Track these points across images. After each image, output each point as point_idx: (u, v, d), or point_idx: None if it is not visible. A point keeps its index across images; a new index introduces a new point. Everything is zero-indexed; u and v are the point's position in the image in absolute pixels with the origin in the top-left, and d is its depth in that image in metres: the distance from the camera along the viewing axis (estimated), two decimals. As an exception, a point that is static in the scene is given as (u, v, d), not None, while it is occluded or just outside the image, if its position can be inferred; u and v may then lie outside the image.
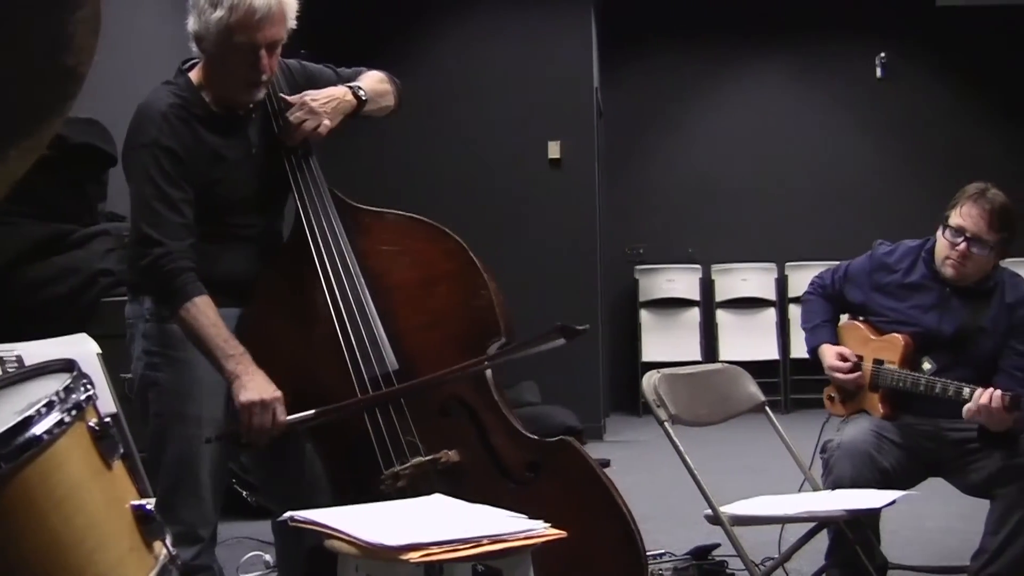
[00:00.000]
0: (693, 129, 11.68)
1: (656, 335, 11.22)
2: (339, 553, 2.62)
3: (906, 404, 4.27)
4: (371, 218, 3.50)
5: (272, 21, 3.26)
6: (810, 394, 8.78)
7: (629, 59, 11.50)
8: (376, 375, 3.31)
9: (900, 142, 11.68)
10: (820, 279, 4.65)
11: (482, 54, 9.64)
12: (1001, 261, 4.38)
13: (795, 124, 11.66)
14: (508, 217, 9.26)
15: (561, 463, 3.32)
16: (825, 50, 11.65)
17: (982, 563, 4.09)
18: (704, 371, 4.50)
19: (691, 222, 11.55)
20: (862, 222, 10.75)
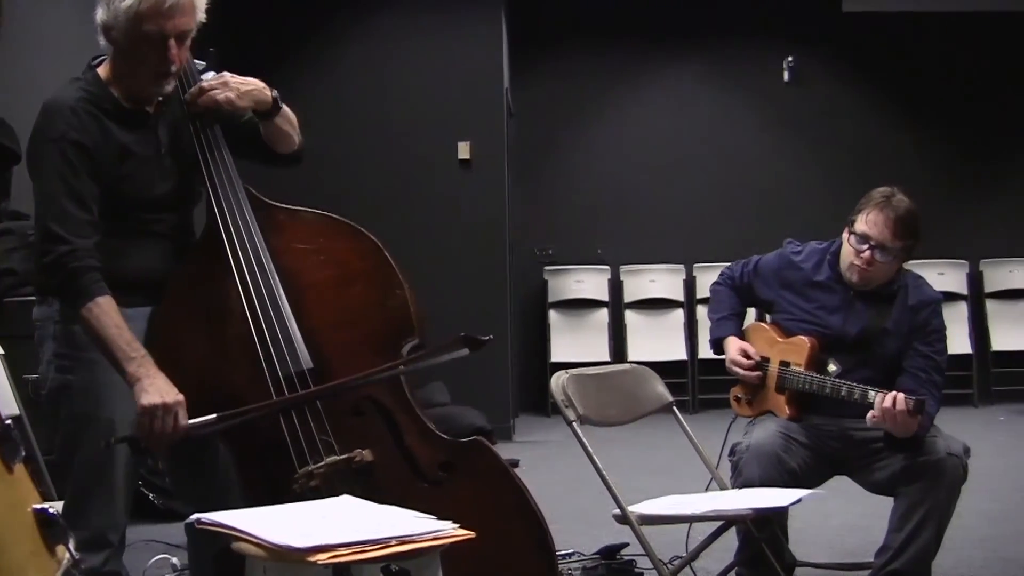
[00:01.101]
0: (603, 130, 11.72)
1: (565, 336, 11.25)
2: (247, 556, 2.60)
3: (812, 405, 4.32)
4: (286, 216, 3.48)
5: (182, 11, 3.23)
6: (717, 394, 8.84)
7: (539, 60, 11.52)
8: (290, 373, 3.29)
9: (807, 145, 11.82)
10: (730, 271, 4.69)
11: (392, 54, 9.60)
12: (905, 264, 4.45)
13: (704, 126, 11.75)
14: (418, 217, 9.24)
15: (474, 463, 3.33)
16: (734, 53, 11.75)
17: (886, 559, 4.16)
18: (612, 371, 4.52)
19: (600, 223, 11.59)
20: (770, 224, 10.84)
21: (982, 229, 11.75)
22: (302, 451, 3.24)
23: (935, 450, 4.09)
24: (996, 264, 11.77)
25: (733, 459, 4.22)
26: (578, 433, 3.92)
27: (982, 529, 5.67)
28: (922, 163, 11.64)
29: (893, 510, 4.20)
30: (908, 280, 4.41)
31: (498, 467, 3.34)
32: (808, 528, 5.27)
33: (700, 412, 10.65)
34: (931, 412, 4.14)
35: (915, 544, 4.10)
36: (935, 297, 4.42)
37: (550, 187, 11.59)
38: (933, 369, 4.26)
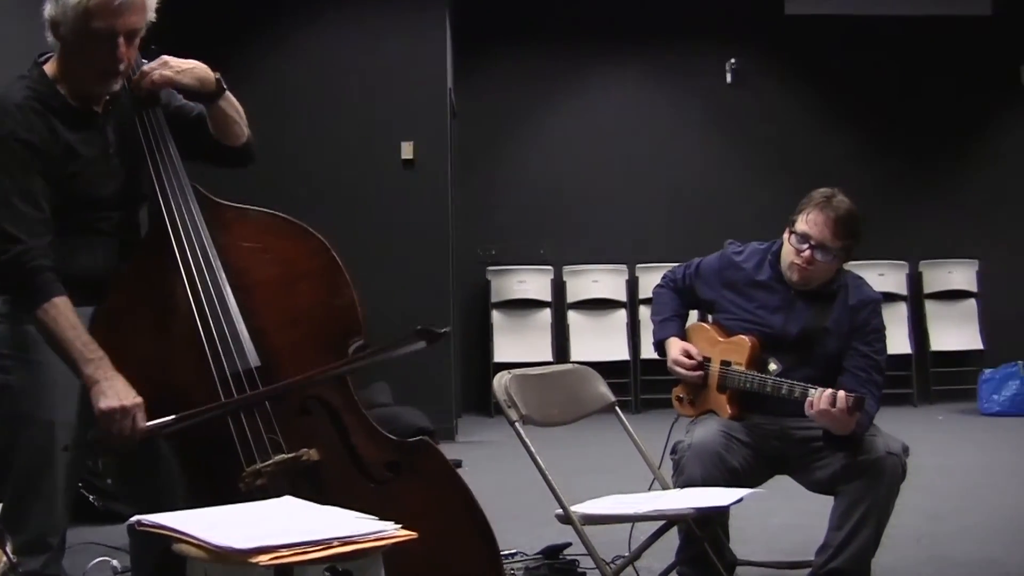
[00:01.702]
0: (546, 131, 11.74)
1: (508, 336, 11.25)
2: (187, 557, 2.58)
3: (753, 404, 4.35)
4: (233, 214, 3.46)
5: (132, 9, 3.20)
6: (660, 394, 8.87)
7: (483, 60, 11.52)
8: (238, 371, 3.26)
9: (749, 146, 11.89)
10: (672, 273, 4.72)
11: (335, 54, 9.57)
12: (845, 264, 4.48)
13: (647, 127, 11.79)
14: (361, 217, 9.21)
15: (419, 463, 3.33)
16: (677, 54, 11.81)
17: (826, 557, 4.19)
18: (555, 372, 4.52)
19: (543, 224, 11.61)
20: (712, 225, 10.90)
21: (922, 230, 11.87)
22: (250, 450, 3.22)
23: (874, 449, 4.13)
24: (935, 265, 11.89)
25: (675, 458, 4.24)
26: (520, 433, 3.92)
27: (921, 527, 5.72)
28: (863, 165, 11.74)
29: (833, 509, 4.23)
30: (848, 280, 4.45)
31: (443, 467, 3.35)
32: (749, 527, 5.30)
33: (643, 412, 10.68)
34: (871, 411, 4.18)
35: (855, 542, 4.14)
36: (875, 297, 4.46)
37: (493, 187, 11.60)
38: (873, 368, 4.30)
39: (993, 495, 6.83)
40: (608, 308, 11.49)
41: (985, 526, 5.92)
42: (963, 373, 11.68)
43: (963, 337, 11.83)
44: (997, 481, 7.35)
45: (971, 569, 5.09)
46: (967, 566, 5.13)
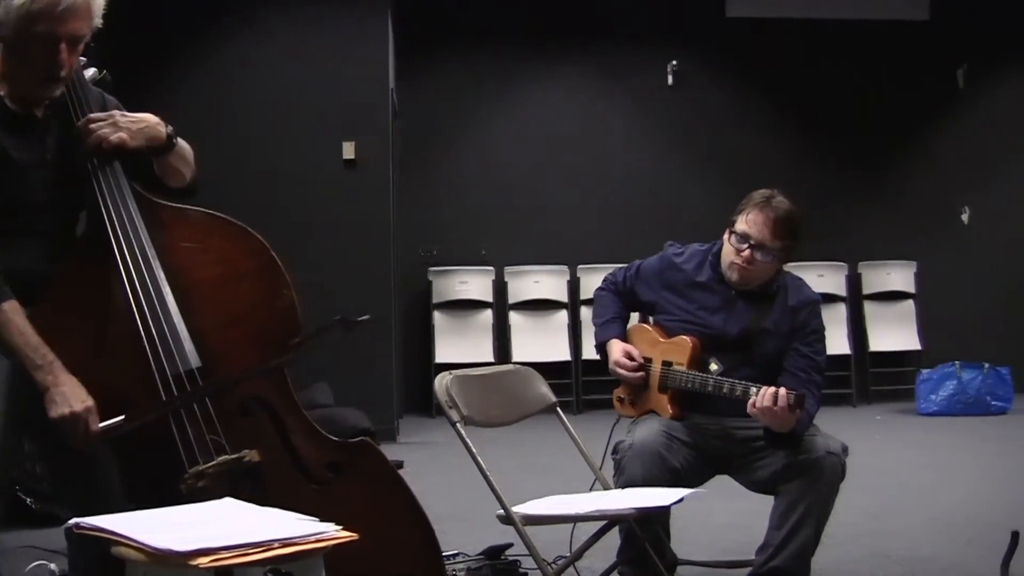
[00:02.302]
0: (488, 131, 11.74)
1: (449, 336, 11.24)
2: (127, 560, 2.55)
3: (694, 404, 4.36)
4: (172, 214, 3.42)
5: (76, 15, 3.15)
6: (601, 395, 8.90)
7: (426, 60, 11.49)
8: (179, 372, 3.23)
9: (690, 148, 11.94)
10: (612, 276, 4.73)
11: (277, 53, 9.51)
12: (785, 265, 4.50)
13: (588, 128, 11.81)
14: (302, 217, 9.16)
15: (361, 464, 3.32)
16: (618, 56, 11.84)
17: (766, 556, 4.21)
18: (496, 372, 4.52)
19: (484, 224, 11.61)
20: (653, 226, 10.93)
21: (860, 232, 11.97)
22: (192, 451, 3.19)
23: (814, 449, 4.16)
24: (874, 266, 11.99)
25: (616, 458, 4.24)
26: (462, 434, 3.92)
27: (860, 525, 5.77)
28: (803, 167, 11.82)
29: (773, 508, 4.25)
30: (788, 281, 4.48)
31: (385, 468, 3.34)
32: (690, 526, 5.32)
33: (584, 412, 10.71)
34: (811, 411, 4.21)
35: (795, 541, 4.16)
36: (814, 298, 4.49)
37: (435, 188, 11.58)
38: (812, 369, 4.33)
39: (931, 494, 6.90)
40: (549, 309, 11.50)
41: (923, 524, 5.98)
42: (901, 373, 11.79)
43: (901, 338, 11.94)
44: (935, 480, 7.42)
45: (909, 566, 5.13)
46: (905, 563, 5.17)
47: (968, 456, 8.55)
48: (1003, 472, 7.70)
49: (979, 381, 10.67)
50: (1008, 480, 7.37)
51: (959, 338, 11.74)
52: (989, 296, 12.15)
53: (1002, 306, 12.14)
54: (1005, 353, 11.12)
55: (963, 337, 11.79)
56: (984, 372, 10.69)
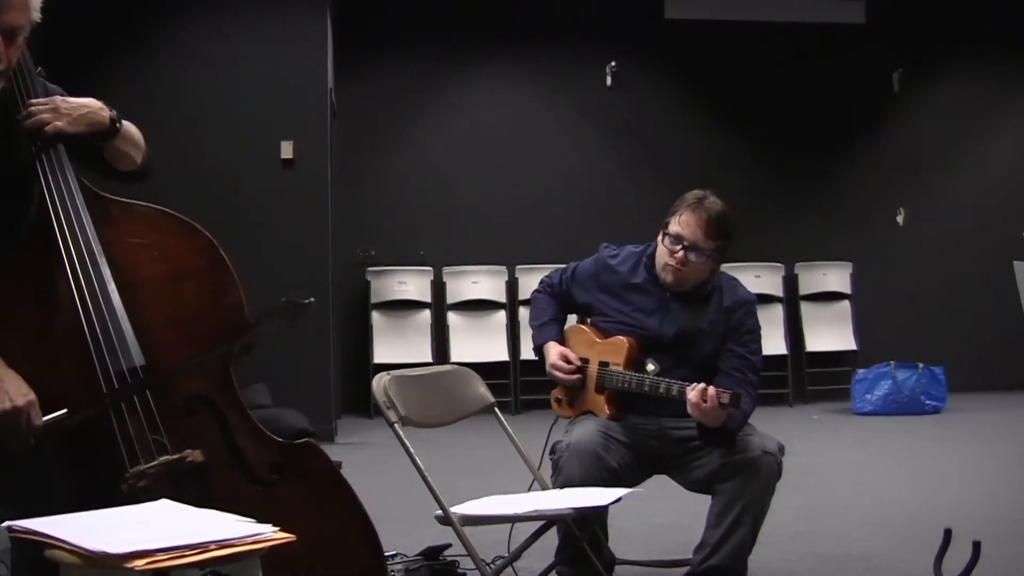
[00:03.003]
0: (427, 132, 11.73)
1: (387, 337, 11.22)
2: (61, 564, 2.53)
3: (631, 405, 4.38)
4: (119, 209, 3.37)
5: (11, 5, 3.10)
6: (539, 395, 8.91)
7: (365, 60, 11.47)
8: (122, 370, 3.19)
9: (628, 149, 11.99)
10: (549, 278, 4.73)
11: (215, 51, 9.45)
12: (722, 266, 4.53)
13: (527, 129, 11.84)
14: (240, 217, 9.09)
15: (305, 465, 3.30)
16: (557, 57, 11.87)
17: (704, 555, 4.23)
18: (434, 373, 4.51)
19: (423, 224, 11.60)
20: (591, 226, 10.96)
21: (797, 233, 12.07)
22: (133, 451, 3.16)
23: (750, 448, 4.18)
24: (810, 267, 12.09)
25: (554, 458, 4.25)
26: (400, 434, 3.91)
27: (797, 524, 5.81)
28: (741, 168, 11.91)
29: (711, 507, 4.27)
30: (723, 281, 4.50)
31: (328, 470, 3.32)
32: (628, 526, 5.33)
33: (522, 413, 10.72)
34: (746, 410, 4.24)
35: (732, 540, 4.19)
36: (749, 298, 4.52)
37: (373, 188, 11.55)
38: (748, 369, 4.36)
39: (866, 493, 6.96)
40: (488, 309, 11.51)
41: (859, 523, 6.02)
42: (837, 373, 11.89)
43: (837, 338, 12.05)
44: (870, 479, 7.49)
45: (845, 564, 5.17)
46: (841, 561, 5.21)
47: (903, 455, 8.63)
48: (937, 471, 7.78)
49: (913, 381, 10.78)
50: (942, 479, 7.45)
51: (894, 338, 11.88)
52: (923, 297, 12.29)
53: (936, 306, 12.28)
54: (939, 353, 11.24)
55: (898, 337, 11.93)
56: (919, 372, 10.81)
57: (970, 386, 11.52)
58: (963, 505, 6.46)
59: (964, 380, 11.39)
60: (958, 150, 12.68)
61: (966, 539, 4.27)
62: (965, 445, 8.97)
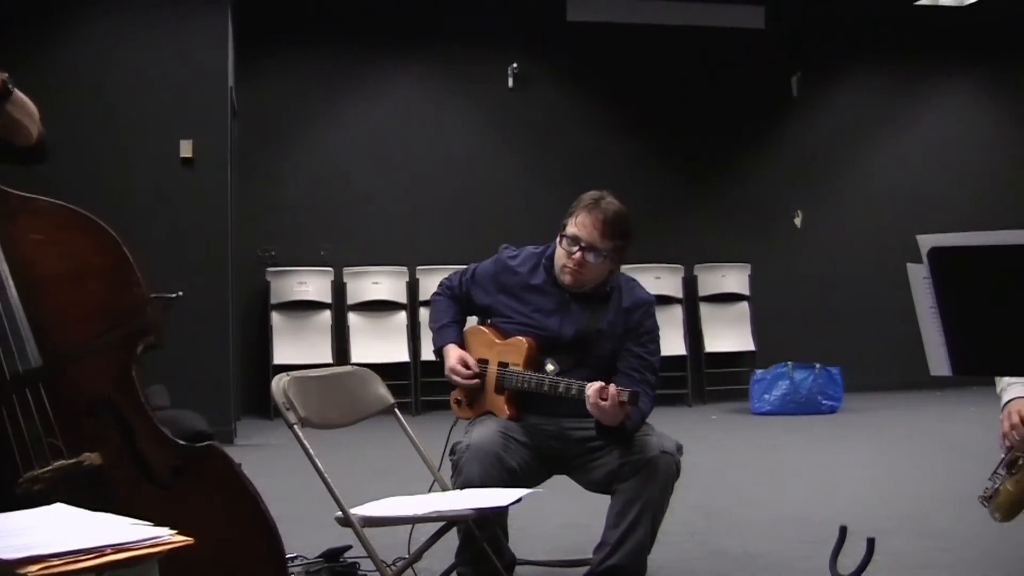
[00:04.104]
0: (328, 132, 11.68)
1: (287, 337, 11.16)
2: (-51, 570, 2.49)
3: (531, 405, 4.39)
4: (19, 203, 3.27)
5: None
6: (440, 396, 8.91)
7: (266, 59, 11.39)
8: (17, 370, 3.13)
9: (529, 150, 12.03)
10: (448, 280, 4.73)
11: (113, 48, 9.33)
12: (622, 267, 4.55)
13: (429, 130, 11.83)
14: (138, 215, 8.97)
15: (207, 468, 3.26)
16: (459, 57, 11.88)
17: (603, 555, 4.25)
18: (334, 374, 4.49)
19: (323, 225, 11.55)
20: (492, 227, 10.97)
21: (696, 235, 12.18)
22: (27, 454, 3.10)
23: (649, 448, 4.21)
24: (709, 269, 12.21)
25: (454, 458, 4.25)
26: (299, 436, 3.89)
27: (695, 523, 5.86)
28: (642, 170, 12.00)
29: (610, 507, 4.29)
30: (622, 282, 4.52)
31: (230, 473, 3.28)
32: (529, 527, 5.35)
33: (423, 414, 10.71)
34: (644, 410, 4.26)
35: (631, 539, 4.21)
36: (648, 299, 4.54)
37: (274, 187, 11.48)
38: (646, 369, 4.39)
39: (763, 492, 7.03)
40: (388, 310, 11.49)
41: (756, 521, 6.09)
42: (735, 374, 12.03)
43: (735, 339, 12.18)
44: (767, 478, 7.57)
45: (743, 562, 5.22)
46: (739, 560, 5.26)
47: (800, 454, 8.74)
48: (833, 469, 7.88)
49: (811, 381, 10.92)
50: (838, 477, 7.55)
51: (792, 339, 12.03)
52: (820, 298, 12.46)
53: (833, 307, 12.46)
54: (836, 353, 11.41)
55: (795, 338, 12.09)
56: (815, 372, 10.95)
57: (866, 386, 11.71)
58: (858, 503, 6.55)
59: (860, 380, 11.57)
60: (854, 153, 12.88)
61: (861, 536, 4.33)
62: (861, 444, 9.10)
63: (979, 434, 5.66)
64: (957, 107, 13.24)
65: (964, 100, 13.28)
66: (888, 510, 6.28)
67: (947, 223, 8.05)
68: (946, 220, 10.81)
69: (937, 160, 13.02)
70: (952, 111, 13.21)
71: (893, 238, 11.85)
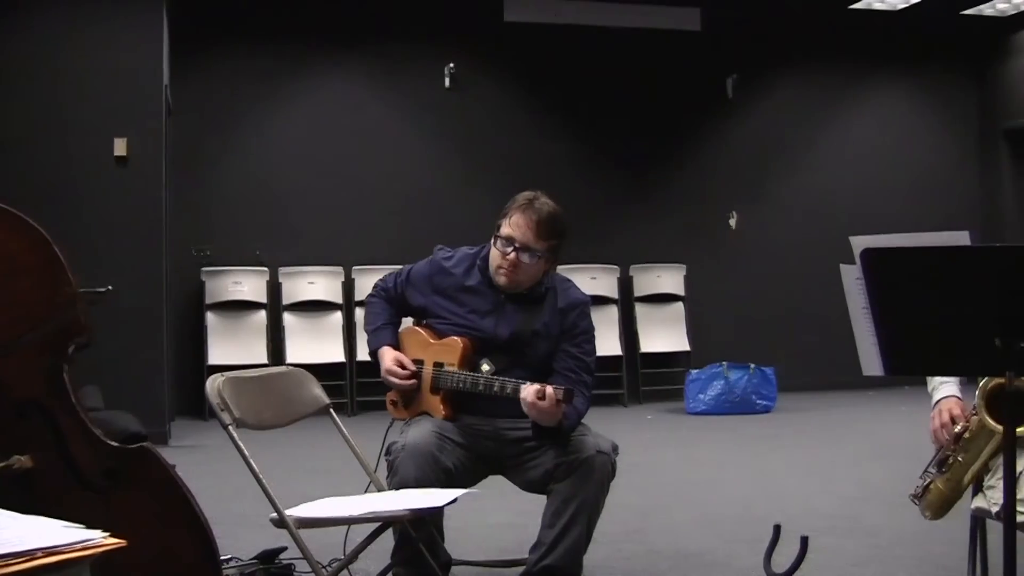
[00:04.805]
0: (264, 130, 11.61)
1: (222, 338, 11.09)
2: None
3: (466, 405, 4.39)
4: None
5: None
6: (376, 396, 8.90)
7: (202, 57, 11.32)
8: None
9: (466, 150, 12.02)
10: (383, 282, 4.71)
11: (46, 45, 9.20)
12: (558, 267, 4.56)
13: (365, 129, 11.79)
14: (71, 214, 8.87)
15: (141, 471, 3.23)
16: (396, 57, 11.86)
17: (539, 555, 4.26)
18: (269, 374, 4.47)
19: (259, 224, 11.48)
20: (428, 227, 10.97)
21: (632, 236, 12.22)
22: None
23: (584, 448, 4.22)
24: (645, 269, 12.25)
25: (389, 458, 4.24)
26: (234, 437, 3.87)
27: (631, 523, 5.88)
28: (579, 171, 12.03)
29: (546, 507, 4.30)
30: (557, 283, 4.53)
31: (164, 475, 3.26)
32: (464, 526, 5.35)
33: (359, 414, 10.68)
34: (580, 409, 4.28)
35: (567, 539, 4.22)
36: (583, 299, 4.55)
37: (209, 187, 11.40)
38: (582, 369, 4.40)
39: (699, 491, 7.07)
40: (324, 310, 11.45)
41: (692, 520, 6.12)
42: (671, 374, 12.08)
43: (670, 339, 12.22)
44: (702, 477, 7.61)
45: (677, 561, 5.25)
46: (674, 558, 5.29)
47: (734, 453, 8.79)
48: (767, 469, 7.94)
49: (745, 381, 10.99)
50: (772, 476, 7.61)
51: (726, 339, 12.11)
52: (755, 298, 12.55)
53: (767, 308, 12.55)
54: (770, 353, 11.50)
55: (730, 338, 12.17)
56: (750, 372, 11.03)
57: (800, 386, 11.81)
58: (792, 501, 6.61)
59: (794, 380, 11.67)
60: (789, 155, 12.98)
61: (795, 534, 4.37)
62: (794, 443, 9.18)
63: (911, 433, 5.71)
64: (890, 110, 13.38)
65: (897, 103, 13.42)
66: (821, 509, 6.34)
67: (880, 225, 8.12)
68: (879, 222, 10.92)
69: (870, 162, 13.15)
70: (885, 114, 13.34)
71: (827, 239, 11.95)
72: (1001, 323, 2.72)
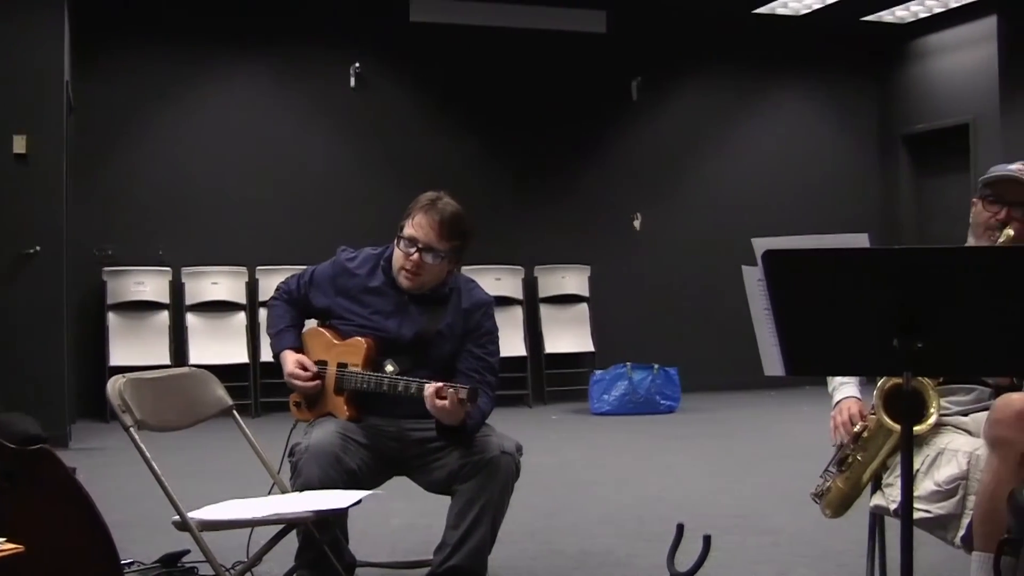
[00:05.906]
0: (168, 129, 11.48)
1: (124, 338, 10.95)
2: None
3: (370, 406, 4.39)
4: None
5: None
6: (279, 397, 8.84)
7: (104, 55, 11.16)
8: None
9: (371, 151, 11.98)
10: (286, 284, 4.70)
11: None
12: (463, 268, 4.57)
13: (270, 129, 11.71)
14: (-34, 214, 8.76)
15: (39, 473, 3.20)
16: (302, 57, 11.79)
17: (444, 556, 4.28)
18: (171, 375, 4.43)
19: (161, 224, 11.35)
20: (332, 228, 10.93)
21: (537, 237, 12.25)
22: None
23: (489, 448, 4.24)
24: (549, 270, 12.29)
25: (293, 460, 4.23)
26: (135, 439, 3.83)
27: (535, 523, 5.90)
28: (484, 171, 12.05)
29: (450, 508, 4.32)
30: (460, 283, 4.55)
31: (63, 477, 3.23)
32: (369, 528, 5.35)
33: (262, 415, 10.61)
34: (484, 409, 4.30)
35: (471, 539, 4.24)
36: (486, 300, 4.57)
37: (111, 185, 11.25)
38: (486, 370, 4.42)
39: (602, 491, 7.11)
40: (227, 311, 11.35)
41: (595, 520, 6.15)
42: (575, 374, 12.12)
43: (575, 340, 12.27)
44: (606, 477, 7.65)
45: (582, 560, 5.28)
46: (578, 558, 5.32)
47: (638, 453, 8.85)
48: (671, 468, 8.00)
49: (649, 381, 11.07)
50: (675, 476, 7.66)
51: (630, 340, 12.17)
52: (659, 299, 12.63)
53: (671, 309, 12.64)
54: (673, 354, 11.58)
55: (634, 339, 12.23)
56: (654, 372, 11.10)
57: (703, 386, 11.90)
58: (695, 501, 6.67)
59: (697, 380, 11.76)
60: (693, 157, 13.08)
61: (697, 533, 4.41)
62: (698, 443, 9.25)
63: (812, 433, 5.79)
64: (792, 113, 13.53)
65: (799, 106, 13.57)
66: (724, 508, 6.41)
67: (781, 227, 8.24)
68: (780, 224, 11.05)
69: (772, 165, 13.29)
70: (788, 117, 13.49)
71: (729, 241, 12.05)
72: (899, 324, 2.76)
